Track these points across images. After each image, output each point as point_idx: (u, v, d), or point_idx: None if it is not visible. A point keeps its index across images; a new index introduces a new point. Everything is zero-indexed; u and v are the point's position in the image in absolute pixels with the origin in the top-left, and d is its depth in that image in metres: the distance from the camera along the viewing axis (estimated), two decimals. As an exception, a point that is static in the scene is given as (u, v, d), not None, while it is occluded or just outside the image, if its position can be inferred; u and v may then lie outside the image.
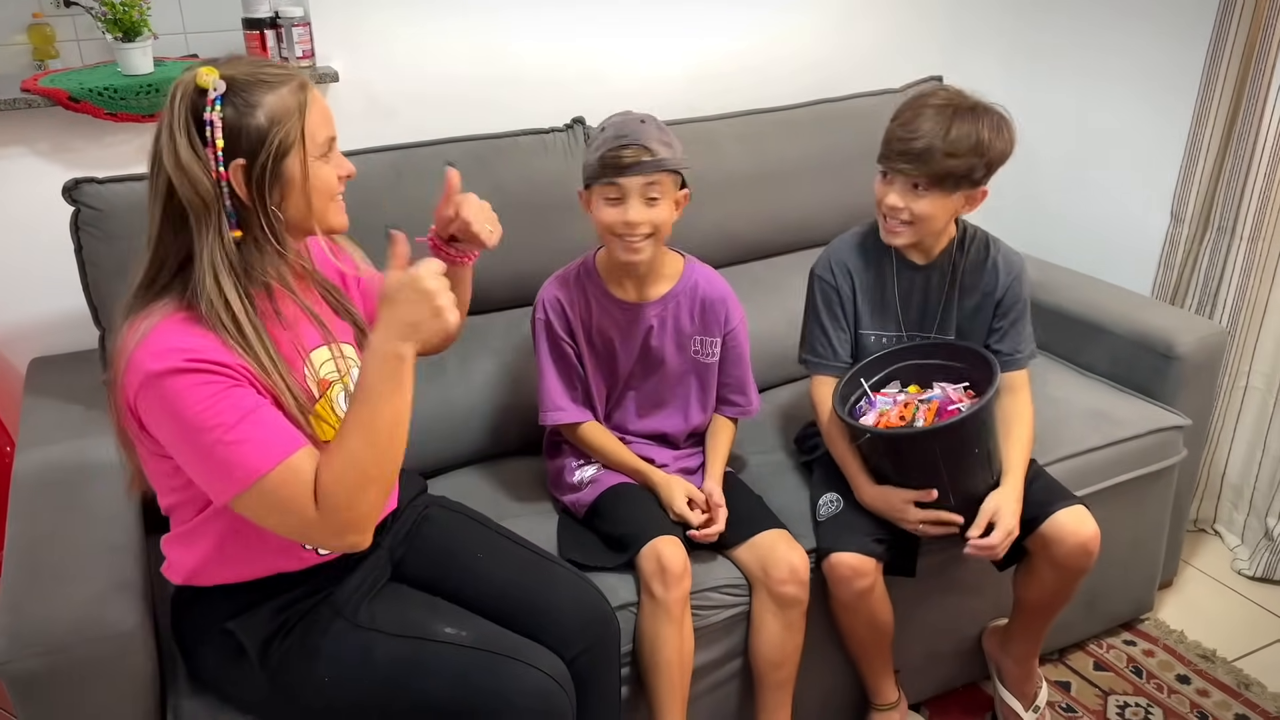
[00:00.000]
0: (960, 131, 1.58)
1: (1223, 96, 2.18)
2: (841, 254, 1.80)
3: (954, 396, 1.67)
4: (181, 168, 1.14)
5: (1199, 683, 2.02)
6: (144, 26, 1.94)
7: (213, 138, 1.14)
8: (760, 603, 1.63)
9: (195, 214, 1.16)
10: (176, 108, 1.15)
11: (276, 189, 1.19)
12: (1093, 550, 1.67)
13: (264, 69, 1.20)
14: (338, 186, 1.28)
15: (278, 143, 1.17)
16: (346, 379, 1.34)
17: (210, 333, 1.16)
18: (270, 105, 1.17)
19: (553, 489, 1.81)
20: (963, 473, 1.62)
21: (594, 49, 2.28)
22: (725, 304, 1.76)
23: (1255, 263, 2.22)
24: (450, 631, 1.33)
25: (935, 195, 1.62)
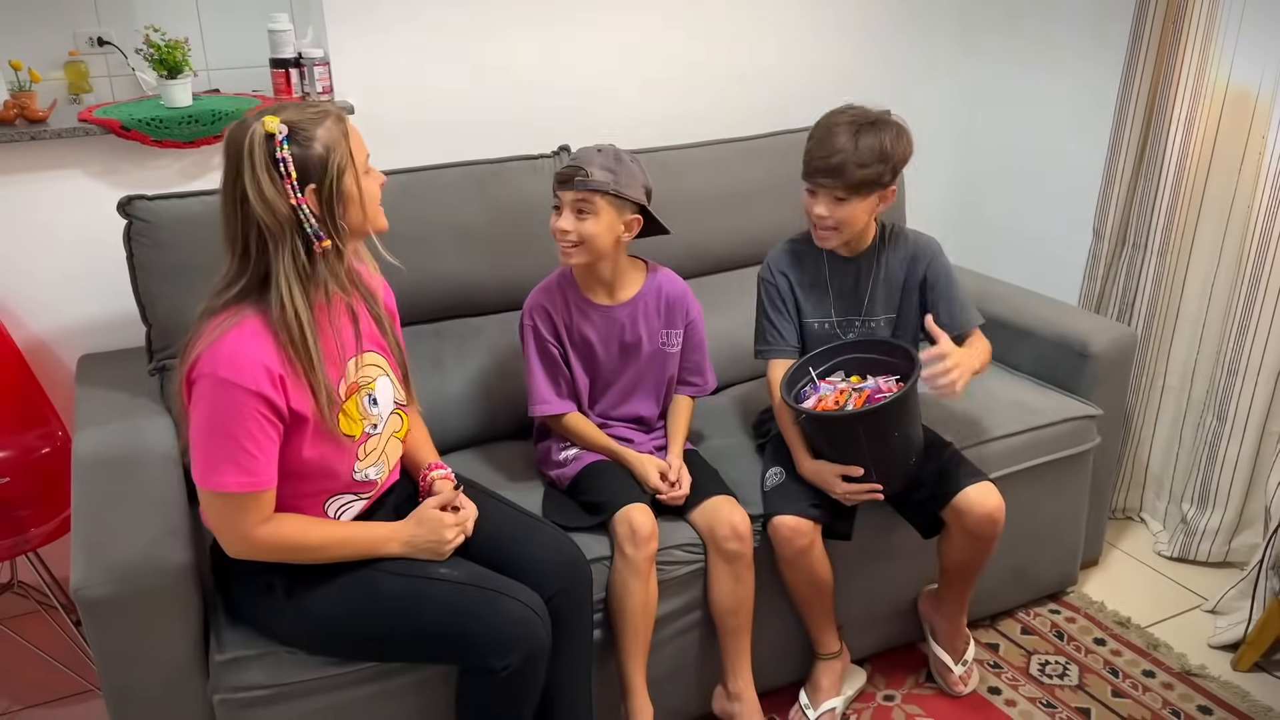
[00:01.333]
0: (865, 144, 1.86)
1: (1133, 126, 2.47)
2: (778, 260, 2.08)
3: (883, 387, 1.93)
4: (265, 200, 1.41)
5: (1113, 644, 2.28)
6: (186, 65, 2.22)
7: (287, 171, 1.42)
8: (712, 558, 1.89)
9: (273, 237, 1.44)
10: (256, 151, 1.41)
11: (340, 203, 1.48)
12: (998, 519, 1.93)
13: (308, 110, 1.48)
14: (379, 193, 1.57)
15: (336, 166, 1.46)
16: (372, 386, 1.62)
17: (272, 342, 1.44)
18: (324, 137, 1.45)
19: (540, 465, 2.08)
20: (884, 451, 1.88)
21: (579, 87, 2.59)
22: (685, 300, 2.05)
23: (1165, 274, 2.50)
24: (445, 571, 1.59)
25: (854, 201, 1.90)
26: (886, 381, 1.95)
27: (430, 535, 1.60)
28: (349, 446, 1.58)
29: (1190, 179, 2.42)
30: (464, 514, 1.65)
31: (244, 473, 1.44)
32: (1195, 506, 2.53)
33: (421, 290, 2.20)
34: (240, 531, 1.49)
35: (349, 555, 1.57)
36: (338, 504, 1.61)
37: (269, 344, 1.45)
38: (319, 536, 1.55)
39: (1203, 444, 2.49)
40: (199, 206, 2.01)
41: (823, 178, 1.89)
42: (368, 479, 1.63)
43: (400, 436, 1.72)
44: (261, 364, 1.43)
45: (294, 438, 1.50)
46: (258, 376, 1.42)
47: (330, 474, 1.57)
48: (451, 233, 2.23)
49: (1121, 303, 2.59)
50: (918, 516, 2.01)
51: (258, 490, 1.47)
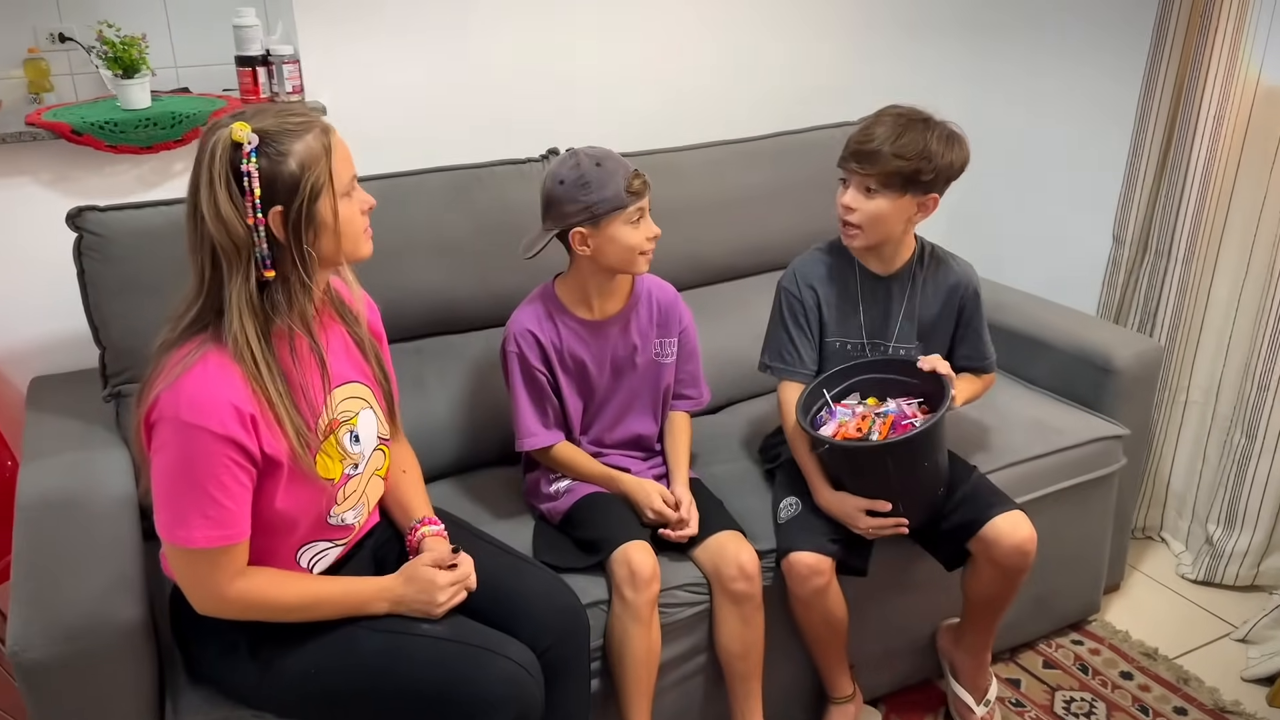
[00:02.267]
0: (909, 137, 1.73)
1: (1157, 127, 2.33)
2: (806, 269, 1.93)
3: (908, 412, 1.79)
4: (220, 218, 1.25)
5: (1141, 679, 2.14)
6: (143, 64, 2.06)
7: (250, 187, 1.25)
8: (718, 599, 1.75)
9: (227, 259, 1.27)
10: (216, 163, 1.25)
11: (311, 230, 1.30)
12: (1029, 551, 1.79)
13: (289, 118, 1.30)
14: (363, 220, 1.40)
15: (310, 187, 1.28)
16: (354, 421, 1.46)
17: (241, 377, 1.28)
18: (300, 153, 1.28)
19: (529, 498, 1.92)
20: (912, 482, 1.74)
21: (568, 86, 2.42)
22: (677, 306, 1.91)
23: (1190, 283, 2.36)
24: (428, 626, 1.43)
25: (886, 196, 1.76)
26: (909, 405, 1.80)
27: (421, 595, 1.43)
28: (327, 490, 1.42)
29: (1218, 182, 2.28)
30: (460, 573, 1.48)
31: (214, 525, 1.28)
32: (1222, 527, 2.40)
33: (401, 306, 2.04)
34: (211, 589, 1.33)
35: (331, 615, 1.41)
36: (311, 553, 1.45)
37: (237, 380, 1.29)
38: (297, 594, 1.40)
39: (1230, 462, 2.36)
40: (157, 218, 1.85)
41: (854, 162, 1.76)
42: (344, 523, 1.47)
43: (381, 474, 1.56)
44: (229, 404, 1.27)
45: (266, 485, 1.34)
46: (225, 419, 1.26)
47: (305, 522, 1.42)
48: (433, 243, 2.07)
49: (1143, 313, 2.46)
50: (941, 548, 1.87)
51: (230, 544, 1.31)
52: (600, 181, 1.71)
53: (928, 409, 1.80)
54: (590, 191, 1.71)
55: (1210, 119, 2.24)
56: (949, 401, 1.72)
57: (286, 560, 1.42)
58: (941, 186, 1.80)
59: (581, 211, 1.72)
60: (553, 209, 1.75)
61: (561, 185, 1.73)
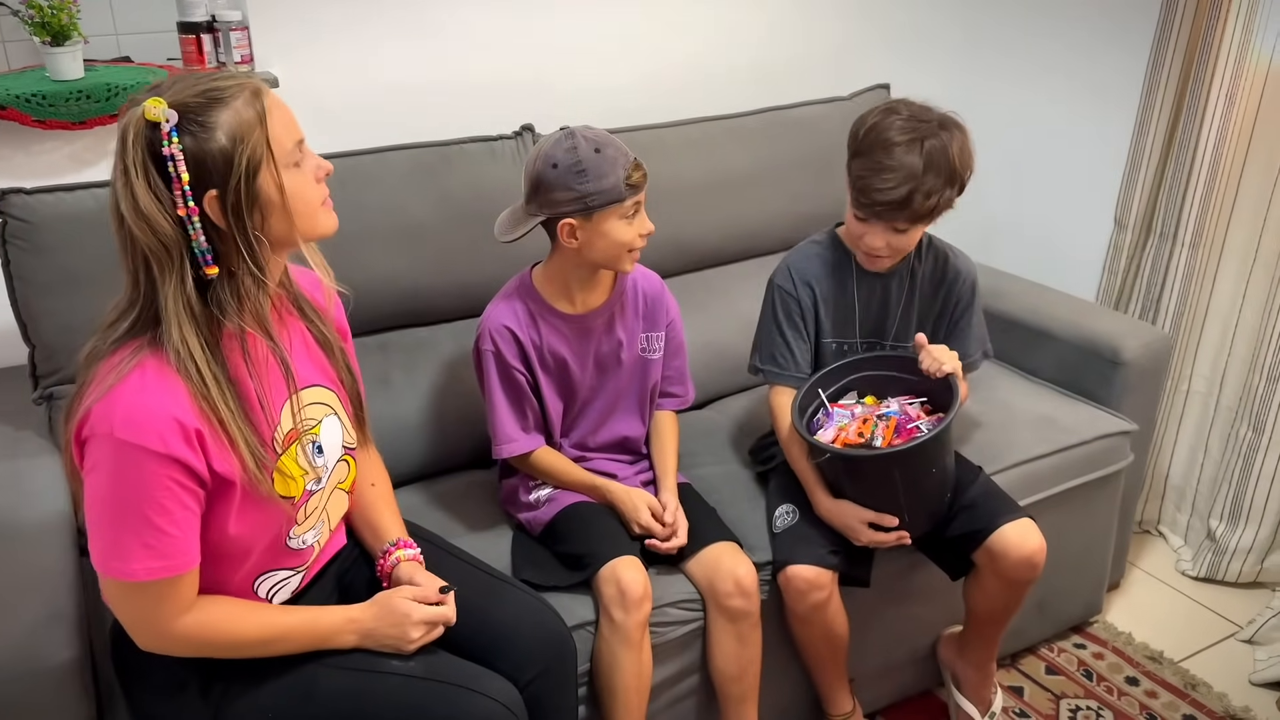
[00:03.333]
0: (932, 167, 1.58)
1: (1164, 105, 2.22)
2: (802, 265, 1.79)
3: (912, 414, 1.67)
4: (140, 214, 1.08)
5: (1147, 684, 2.05)
6: (74, 30, 1.87)
7: (176, 173, 1.08)
8: (712, 616, 1.62)
9: (157, 261, 1.10)
10: (130, 149, 1.08)
11: (255, 211, 1.13)
12: (1038, 563, 1.68)
13: (212, 84, 1.12)
14: (319, 190, 1.22)
15: (246, 161, 1.11)
16: (316, 430, 1.30)
17: (184, 388, 1.12)
18: (229, 123, 1.10)
19: (506, 506, 1.78)
20: (920, 490, 1.63)
21: (543, 55, 2.25)
22: (664, 297, 1.78)
23: (1196, 269, 2.26)
24: (398, 663, 1.29)
25: (915, 230, 1.66)
26: (912, 405, 1.68)
27: (393, 629, 1.28)
28: (286, 510, 1.26)
29: (1228, 164, 2.17)
30: (441, 612, 1.32)
31: (156, 556, 1.12)
32: (1225, 523, 2.31)
33: (362, 297, 1.83)
34: (156, 626, 1.18)
35: (292, 650, 1.26)
36: (270, 583, 1.30)
37: (180, 391, 1.12)
38: (255, 628, 1.24)
39: (1235, 455, 2.27)
40: (90, 202, 1.67)
41: (887, 213, 1.61)
42: (304, 545, 1.32)
43: (345, 488, 1.40)
44: (171, 418, 1.10)
45: (217, 506, 1.18)
46: (166, 435, 1.10)
47: (260, 547, 1.26)
48: (397, 228, 1.90)
49: (1145, 299, 2.36)
50: (946, 557, 1.76)
51: (174, 575, 1.15)
52: (598, 170, 1.55)
53: (930, 408, 1.68)
54: (586, 180, 1.55)
55: (1222, 98, 2.13)
56: (958, 404, 1.60)
57: (242, 591, 1.27)
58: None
59: (574, 201, 1.56)
60: (541, 193, 1.59)
61: (554, 169, 1.56)
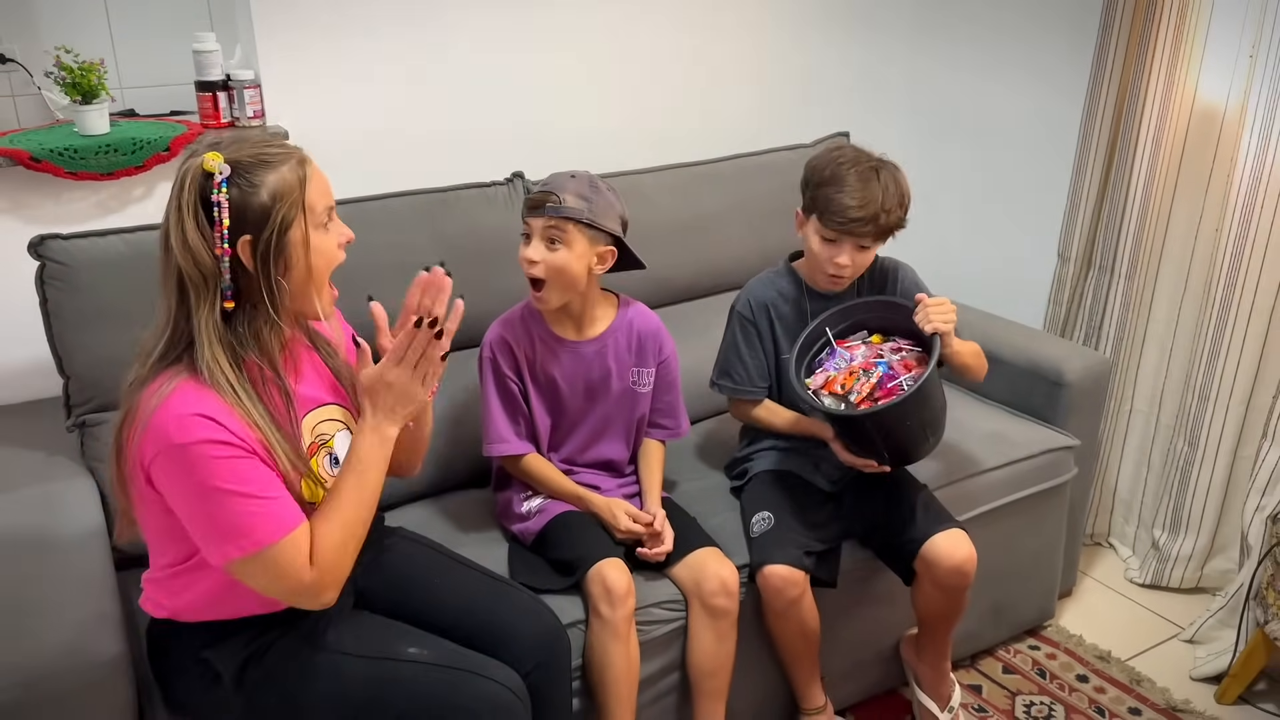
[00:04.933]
0: (888, 190, 1.81)
1: (1099, 147, 2.42)
2: (759, 292, 2.00)
3: (898, 370, 1.80)
4: (188, 247, 1.26)
5: (1096, 681, 2.22)
6: (102, 89, 2.03)
7: (219, 217, 1.25)
8: (694, 615, 1.77)
9: (194, 288, 1.27)
10: (185, 192, 1.26)
11: (281, 260, 1.30)
12: (968, 572, 1.84)
13: (265, 149, 1.30)
14: (339, 254, 1.40)
15: (281, 218, 1.28)
16: (331, 444, 1.46)
17: (215, 397, 1.26)
18: (272, 184, 1.28)
19: (501, 519, 1.93)
20: (899, 441, 1.80)
21: (533, 108, 2.45)
22: (658, 337, 1.93)
23: (1133, 298, 2.46)
24: (414, 651, 1.43)
25: (875, 247, 1.87)
26: (904, 355, 1.83)
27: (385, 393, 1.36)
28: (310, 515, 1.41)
29: (1157, 200, 2.38)
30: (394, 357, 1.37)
31: (272, 519, 1.26)
32: (1167, 532, 2.49)
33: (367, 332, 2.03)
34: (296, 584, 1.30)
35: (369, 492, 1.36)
36: None
37: (216, 400, 1.27)
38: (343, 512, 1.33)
39: (1173, 469, 2.45)
40: (120, 246, 1.83)
41: (859, 228, 1.82)
42: None
43: None
44: (209, 418, 1.25)
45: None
46: (215, 423, 1.24)
47: None
48: (398, 269, 2.02)
49: (1088, 326, 2.55)
50: (896, 563, 1.92)
51: (287, 534, 1.27)
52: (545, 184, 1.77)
53: (926, 357, 1.81)
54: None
55: (1150, 138, 2.33)
56: (933, 363, 1.74)
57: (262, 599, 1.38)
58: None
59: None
60: None
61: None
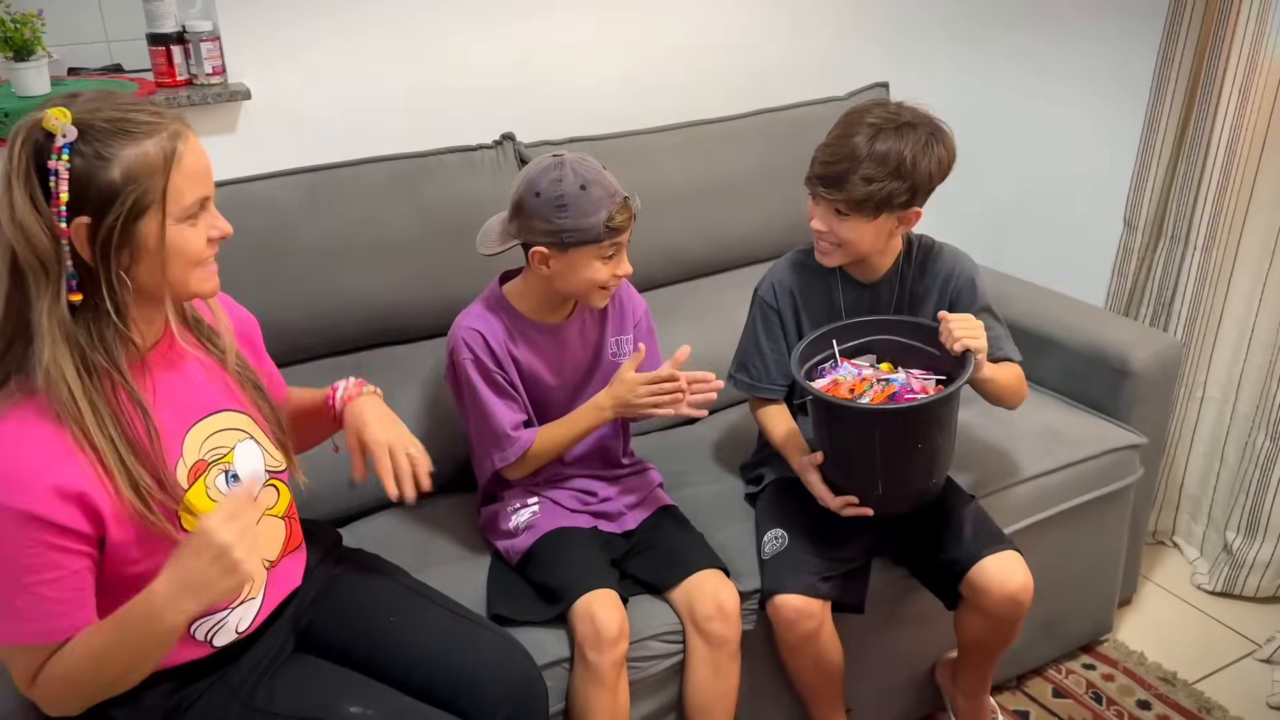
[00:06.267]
0: (879, 153, 1.51)
1: (1174, 102, 2.12)
2: (784, 276, 1.73)
3: (916, 387, 1.57)
4: (16, 223, 1.02)
5: (1160, 708, 1.97)
6: (37, 45, 1.81)
7: (56, 190, 1.01)
8: (691, 644, 1.55)
9: (33, 275, 1.04)
10: (17, 153, 1.02)
11: (126, 252, 1.06)
12: (1023, 600, 1.60)
13: (131, 113, 1.06)
14: (205, 251, 1.14)
15: (131, 202, 1.04)
16: (229, 458, 1.22)
17: (56, 431, 1.04)
18: (128, 160, 1.04)
19: (486, 533, 1.71)
20: (900, 463, 1.53)
21: (524, 60, 2.17)
22: (629, 296, 1.73)
23: (1210, 272, 2.16)
24: (356, 711, 1.22)
25: (858, 219, 1.56)
26: (923, 380, 1.59)
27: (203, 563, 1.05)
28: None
29: (1242, 163, 2.07)
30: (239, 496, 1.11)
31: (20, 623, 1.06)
32: (1242, 535, 2.22)
33: (337, 314, 1.83)
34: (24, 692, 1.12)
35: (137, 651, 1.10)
36: (206, 625, 1.22)
37: (59, 440, 1.04)
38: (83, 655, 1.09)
39: (1251, 465, 2.17)
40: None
41: (820, 186, 1.55)
42: None
43: (278, 513, 1.32)
44: (50, 482, 1.03)
45: (122, 551, 1.10)
46: (41, 497, 1.03)
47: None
48: (372, 243, 1.85)
49: (1157, 303, 2.26)
50: (937, 585, 1.68)
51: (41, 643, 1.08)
52: (580, 209, 1.49)
53: (942, 388, 1.57)
54: (565, 216, 1.49)
55: (1235, 95, 2.03)
56: (964, 378, 1.49)
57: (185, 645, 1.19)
58: (922, 199, 1.60)
59: (549, 234, 1.51)
60: (520, 217, 1.55)
61: (536, 197, 1.51)
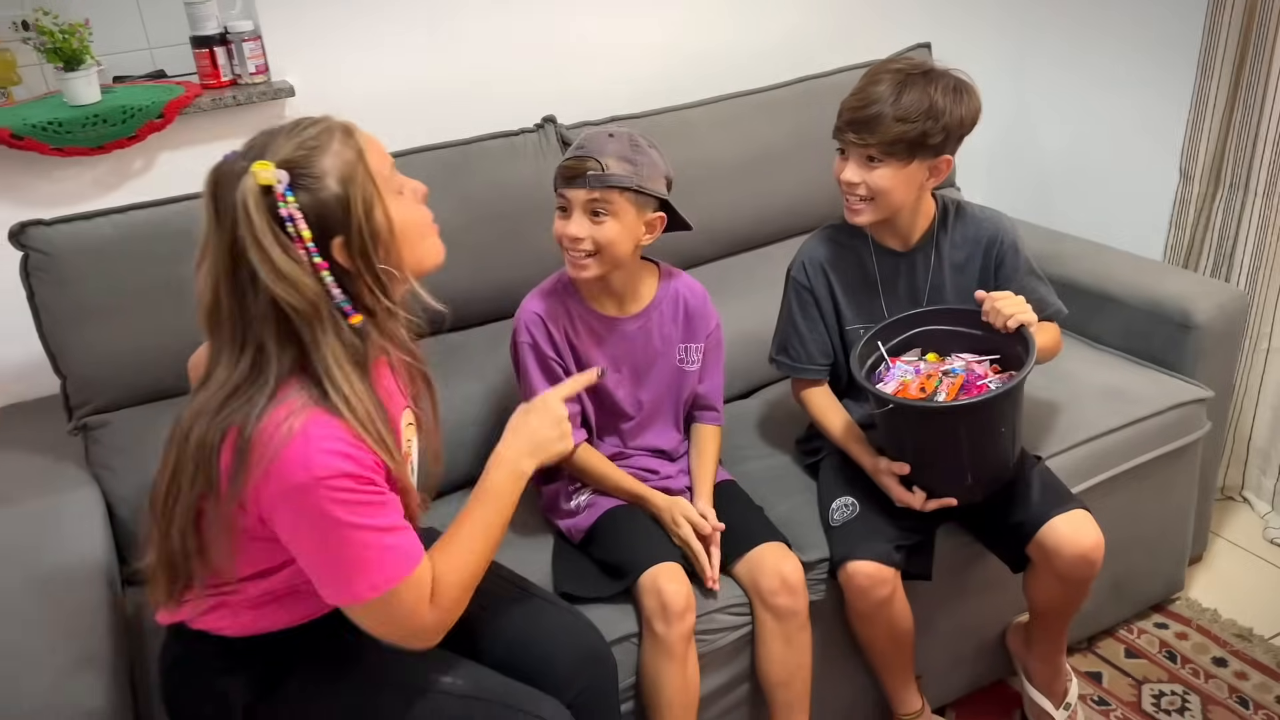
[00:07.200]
0: (911, 96, 1.51)
1: (1228, 45, 2.07)
2: (815, 251, 1.72)
3: (979, 371, 1.56)
4: (283, 278, 1.05)
5: (1237, 664, 1.94)
6: (85, 54, 1.84)
7: (298, 231, 1.06)
8: (760, 618, 1.56)
9: (305, 320, 1.08)
10: (254, 218, 1.05)
11: (379, 246, 1.11)
12: (1095, 559, 1.57)
13: (304, 133, 1.10)
14: (424, 213, 1.22)
15: (360, 199, 1.09)
16: (410, 451, 1.29)
17: (349, 430, 1.10)
18: (334, 169, 1.09)
19: (547, 513, 1.73)
20: (986, 451, 1.53)
21: (561, 42, 2.17)
22: (706, 308, 1.71)
23: (1272, 219, 2.11)
24: (448, 680, 1.26)
25: (891, 165, 1.55)
26: (981, 364, 1.57)
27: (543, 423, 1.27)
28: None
29: (1302, 104, 2.02)
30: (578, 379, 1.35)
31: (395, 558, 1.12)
32: (1315, 487, 2.17)
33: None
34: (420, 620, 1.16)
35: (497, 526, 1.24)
36: None
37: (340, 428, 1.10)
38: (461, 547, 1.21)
39: (1321, 415, 2.13)
40: (109, 229, 1.66)
41: (851, 132, 1.54)
42: None
43: None
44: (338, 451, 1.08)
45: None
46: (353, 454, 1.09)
47: None
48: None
49: (1218, 255, 2.21)
50: (1003, 549, 1.67)
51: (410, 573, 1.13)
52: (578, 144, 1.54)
53: (999, 367, 1.57)
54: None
55: (1292, 32, 1.97)
56: (1033, 357, 1.47)
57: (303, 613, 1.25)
58: (953, 146, 1.59)
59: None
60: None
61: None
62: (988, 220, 1.71)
